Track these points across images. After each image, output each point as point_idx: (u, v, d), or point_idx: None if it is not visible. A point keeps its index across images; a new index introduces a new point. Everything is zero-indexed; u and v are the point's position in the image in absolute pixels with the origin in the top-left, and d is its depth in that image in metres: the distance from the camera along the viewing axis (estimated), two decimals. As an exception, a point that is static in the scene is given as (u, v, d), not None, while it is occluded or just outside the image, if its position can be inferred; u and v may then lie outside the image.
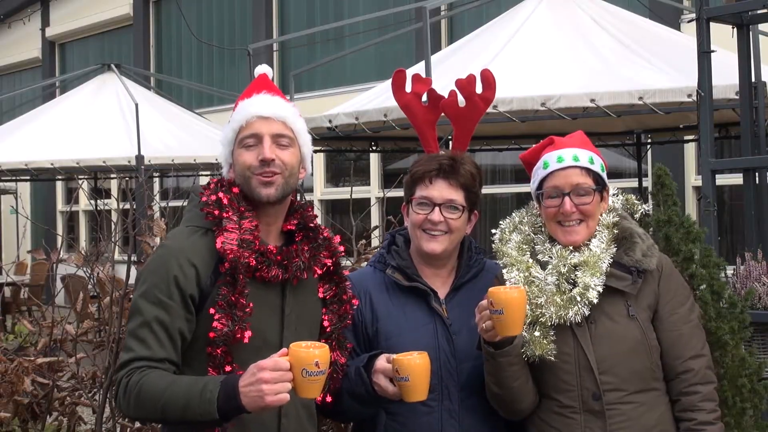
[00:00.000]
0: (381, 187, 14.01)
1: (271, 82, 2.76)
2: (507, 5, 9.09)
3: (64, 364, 3.88)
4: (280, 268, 2.56)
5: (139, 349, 2.46)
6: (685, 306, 2.79)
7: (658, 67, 7.05)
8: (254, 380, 2.30)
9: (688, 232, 3.27)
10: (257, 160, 2.57)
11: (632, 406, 2.69)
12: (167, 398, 2.38)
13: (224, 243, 2.50)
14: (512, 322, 2.53)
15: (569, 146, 2.83)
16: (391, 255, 2.89)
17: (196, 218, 2.61)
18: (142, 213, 4.16)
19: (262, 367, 2.30)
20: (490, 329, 2.57)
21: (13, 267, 14.04)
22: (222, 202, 2.56)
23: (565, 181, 2.78)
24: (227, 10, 17.38)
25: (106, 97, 12.52)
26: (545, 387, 2.74)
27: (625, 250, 2.76)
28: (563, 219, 2.77)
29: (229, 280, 2.50)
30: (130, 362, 2.46)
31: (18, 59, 22.59)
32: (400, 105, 3.15)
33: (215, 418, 2.34)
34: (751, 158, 4.99)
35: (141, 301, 2.51)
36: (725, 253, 9.44)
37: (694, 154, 10.34)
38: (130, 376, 2.44)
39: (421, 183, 2.83)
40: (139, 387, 2.42)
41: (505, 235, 2.87)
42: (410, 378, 2.54)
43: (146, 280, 2.53)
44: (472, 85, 3.06)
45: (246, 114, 2.62)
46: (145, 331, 2.47)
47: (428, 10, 7.32)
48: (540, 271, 2.74)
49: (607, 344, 2.70)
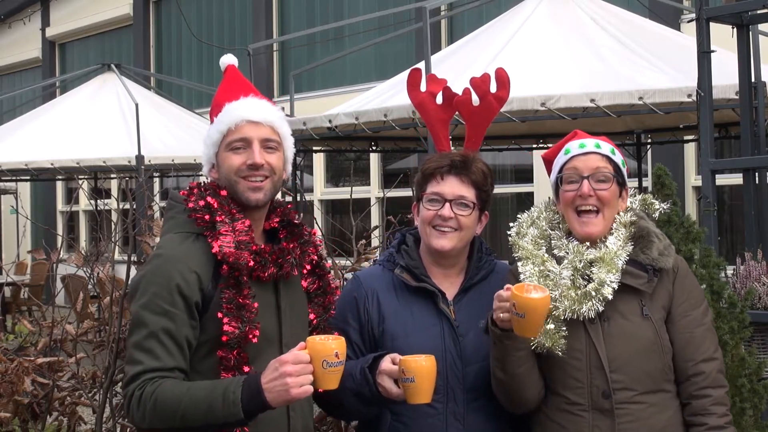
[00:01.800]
0: (381, 187, 14.01)
1: (244, 77, 2.76)
2: (507, 5, 9.09)
3: (64, 364, 3.87)
4: (275, 266, 2.58)
5: (149, 361, 2.44)
6: (699, 309, 2.77)
7: (658, 67, 7.05)
8: (278, 375, 2.33)
9: (688, 232, 3.28)
10: (245, 164, 2.59)
11: (642, 407, 2.68)
12: (187, 405, 2.38)
13: (221, 247, 2.50)
14: (531, 327, 2.53)
15: (592, 137, 2.85)
16: (400, 254, 2.88)
17: (184, 224, 2.59)
18: (142, 213, 4.16)
19: (285, 362, 2.33)
20: (506, 320, 2.57)
21: (13, 267, 14.04)
22: (212, 207, 2.56)
23: (584, 164, 2.77)
24: (227, 10, 17.38)
25: (106, 97, 12.52)
26: (553, 383, 2.73)
27: (641, 248, 2.74)
28: (581, 203, 2.75)
29: (232, 282, 2.51)
30: (140, 374, 2.44)
31: (18, 59, 22.59)
32: (414, 103, 3.15)
33: (240, 419, 2.36)
34: (751, 158, 4.99)
35: (144, 312, 2.48)
36: (725, 253, 9.44)
37: (694, 154, 10.34)
38: (142, 388, 2.43)
39: (432, 179, 2.82)
40: (155, 397, 2.40)
41: (522, 229, 2.87)
42: (416, 379, 2.54)
43: (146, 291, 2.50)
44: (487, 84, 3.05)
45: (235, 117, 2.62)
46: (152, 342, 2.46)
47: (428, 10, 7.32)
48: (555, 266, 2.74)
49: (619, 342, 2.68)
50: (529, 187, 12.32)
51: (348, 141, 9.24)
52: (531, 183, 12.25)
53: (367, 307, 2.82)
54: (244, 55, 11.03)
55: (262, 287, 2.58)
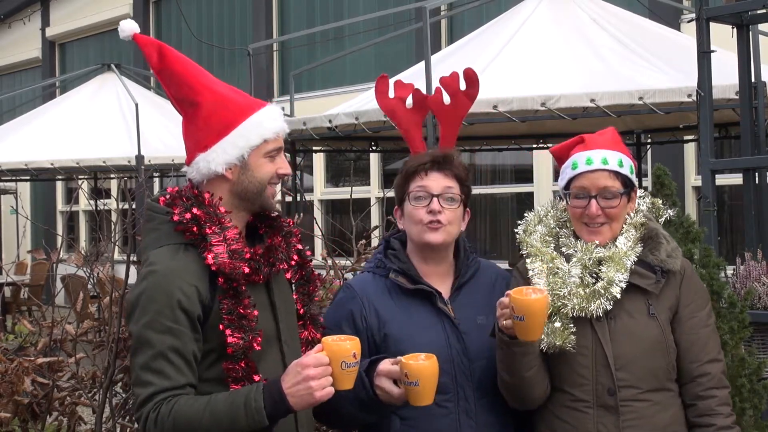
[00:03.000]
0: (381, 187, 14.01)
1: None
2: (507, 5, 9.09)
3: (64, 364, 3.87)
4: (268, 266, 2.58)
5: (160, 381, 2.42)
6: (704, 310, 2.80)
7: (658, 67, 7.05)
8: (300, 379, 2.34)
9: (687, 232, 3.28)
10: (276, 174, 2.63)
11: (646, 404, 2.70)
12: (208, 419, 2.38)
13: (215, 258, 2.47)
14: (532, 329, 2.54)
15: (599, 147, 2.82)
16: (389, 259, 2.88)
17: (170, 235, 2.55)
18: (141, 213, 4.15)
19: (306, 365, 2.34)
20: (510, 327, 2.57)
21: (13, 267, 14.04)
22: (200, 219, 2.52)
23: (592, 183, 2.77)
24: (227, 10, 17.38)
25: (106, 97, 12.52)
26: (559, 380, 2.74)
27: (650, 249, 2.76)
28: (588, 221, 2.78)
29: (231, 293, 2.49)
30: (153, 396, 2.41)
31: (18, 59, 22.59)
32: (384, 110, 3.21)
33: (265, 425, 2.36)
34: (751, 158, 4.99)
35: (148, 332, 2.44)
36: (725, 253, 9.44)
37: (694, 154, 10.34)
38: (157, 409, 2.40)
39: (416, 176, 2.83)
40: (173, 416, 2.39)
41: (530, 227, 2.88)
42: (420, 382, 2.51)
43: (147, 309, 2.46)
44: (456, 83, 3.09)
45: (277, 128, 2.63)
46: (160, 362, 2.43)
47: (428, 10, 7.32)
48: (564, 263, 2.75)
49: (625, 341, 2.70)
50: (529, 187, 12.31)
51: (348, 141, 9.23)
52: (531, 183, 12.25)
53: (364, 314, 2.81)
54: (244, 55, 11.04)
55: (255, 288, 2.57)
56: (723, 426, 2.70)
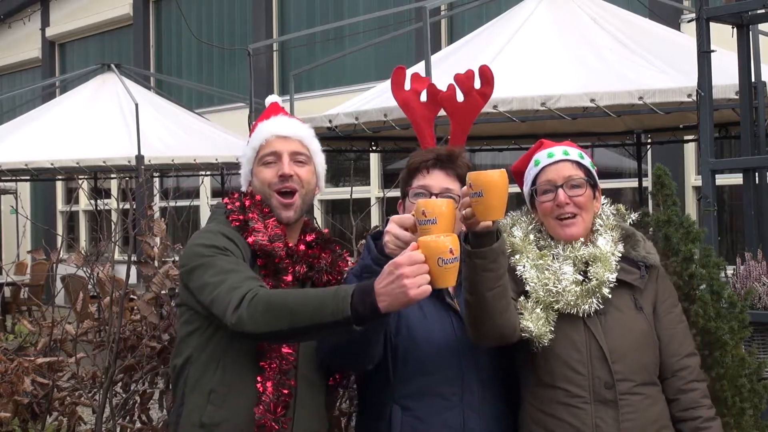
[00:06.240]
0: (381, 187, 14.01)
1: (283, 109, 2.95)
2: (507, 5, 9.09)
3: (64, 364, 3.87)
4: (307, 265, 2.72)
5: (249, 283, 2.51)
6: (678, 307, 2.90)
7: (658, 67, 7.05)
8: (394, 278, 2.29)
9: (687, 232, 3.27)
10: (276, 176, 2.74)
11: (640, 398, 2.73)
12: (298, 302, 2.41)
13: (256, 240, 2.65)
14: (492, 205, 2.45)
15: (558, 145, 2.89)
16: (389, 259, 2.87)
17: (223, 222, 2.75)
18: (142, 213, 4.16)
19: (399, 264, 2.30)
20: (470, 216, 2.49)
21: (13, 267, 14.04)
22: (245, 205, 2.72)
23: (557, 174, 2.82)
24: (227, 10, 17.38)
25: (106, 97, 12.51)
26: (551, 377, 2.74)
27: (632, 246, 2.84)
28: (559, 212, 2.80)
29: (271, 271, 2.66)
30: (251, 290, 2.46)
31: (18, 59, 22.60)
32: (398, 102, 3.18)
33: (347, 315, 2.32)
34: (751, 158, 4.99)
35: (214, 259, 2.58)
36: (725, 253, 9.44)
37: (694, 154, 10.34)
38: (255, 293, 2.45)
39: (418, 173, 2.84)
40: (268, 297, 2.44)
41: (506, 229, 2.88)
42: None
43: (201, 252, 2.60)
44: (471, 80, 3.08)
45: (265, 133, 2.79)
46: (239, 274, 2.55)
47: (428, 10, 7.32)
48: (552, 261, 2.78)
49: (617, 334, 2.74)
50: (528, 187, 12.29)
51: (348, 141, 9.23)
52: (531, 183, 12.23)
53: None
54: (244, 55, 11.04)
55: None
56: (708, 417, 2.77)
